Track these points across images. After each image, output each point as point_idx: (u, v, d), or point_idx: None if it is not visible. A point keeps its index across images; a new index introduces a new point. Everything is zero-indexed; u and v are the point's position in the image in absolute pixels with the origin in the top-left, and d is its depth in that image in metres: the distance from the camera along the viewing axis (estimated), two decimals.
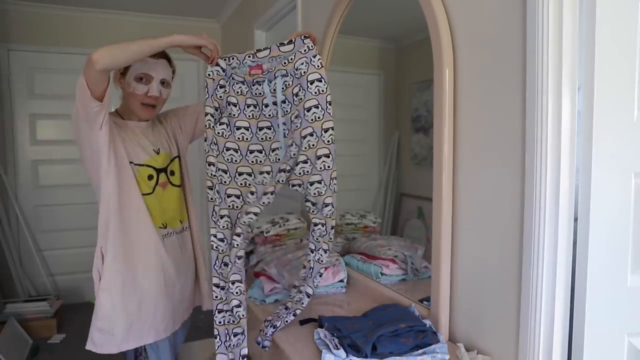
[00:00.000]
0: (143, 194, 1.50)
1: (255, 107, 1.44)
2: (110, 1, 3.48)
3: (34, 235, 3.61)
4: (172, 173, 1.61)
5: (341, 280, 1.68)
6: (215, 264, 1.40)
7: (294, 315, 1.34)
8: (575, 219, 1.00)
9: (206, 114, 1.43)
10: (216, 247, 1.40)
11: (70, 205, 3.69)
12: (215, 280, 1.40)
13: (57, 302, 3.29)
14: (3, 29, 3.43)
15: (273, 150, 1.44)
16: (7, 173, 3.50)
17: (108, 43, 1.36)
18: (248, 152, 1.44)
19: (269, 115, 1.44)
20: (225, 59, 1.42)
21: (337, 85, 1.95)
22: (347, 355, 1.06)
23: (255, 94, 1.44)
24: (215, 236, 1.40)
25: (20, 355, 2.70)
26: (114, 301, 1.45)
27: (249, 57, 1.42)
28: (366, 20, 1.78)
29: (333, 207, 1.34)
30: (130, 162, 1.49)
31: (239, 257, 1.36)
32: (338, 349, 1.08)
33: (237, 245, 1.37)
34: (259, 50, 1.42)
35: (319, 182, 1.33)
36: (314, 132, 1.33)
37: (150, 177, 1.54)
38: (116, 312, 1.45)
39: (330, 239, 1.36)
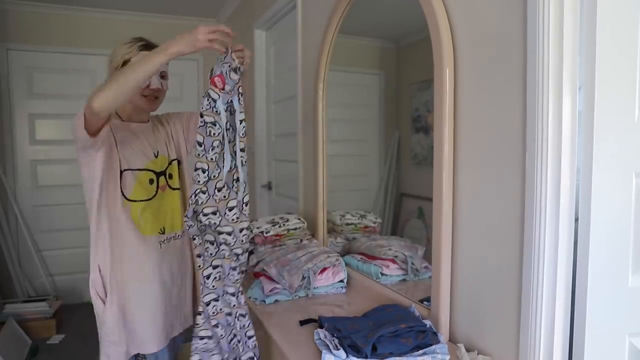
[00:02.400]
0: (143, 200, 1.50)
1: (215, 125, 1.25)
2: (109, 0, 3.48)
3: (33, 235, 3.61)
4: (171, 176, 1.60)
5: (341, 281, 1.67)
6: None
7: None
8: (576, 219, 1.00)
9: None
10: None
11: (69, 205, 3.68)
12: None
13: (56, 303, 3.28)
14: (2, 29, 3.43)
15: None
16: (6, 173, 3.50)
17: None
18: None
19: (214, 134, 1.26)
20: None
21: (338, 85, 1.95)
22: (347, 356, 1.06)
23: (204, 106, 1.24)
24: None
25: (19, 355, 2.70)
26: (117, 314, 1.45)
27: (234, 69, 1.22)
28: (366, 19, 1.78)
29: (228, 235, 1.30)
30: (128, 169, 1.47)
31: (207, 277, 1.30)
32: (338, 349, 1.07)
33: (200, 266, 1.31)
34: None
35: (235, 207, 1.30)
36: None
37: (151, 182, 1.53)
38: (120, 324, 1.46)
39: (237, 280, 1.33)
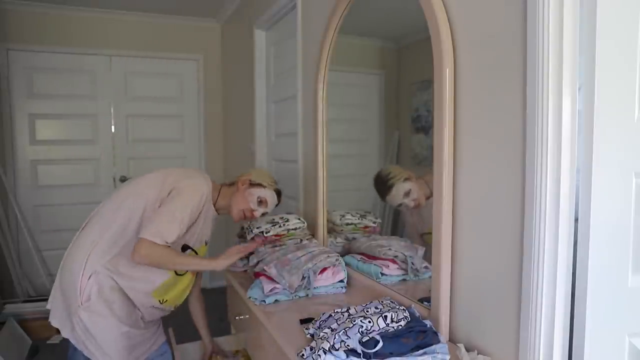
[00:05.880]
0: (178, 274, 1.63)
1: None
2: (109, 0, 3.48)
3: (33, 235, 3.61)
4: None
5: (341, 281, 1.67)
6: None
7: None
8: (576, 219, 1.00)
9: None
10: None
11: (69, 205, 3.68)
12: None
13: None
14: (2, 29, 3.43)
15: None
16: (6, 173, 3.50)
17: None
18: None
19: None
20: None
21: (338, 85, 1.96)
22: (347, 357, 1.06)
23: None
24: None
25: (19, 355, 2.70)
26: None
27: None
28: (367, 19, 1.78)
29: None
30: (191, 248, 1.62)
31: None
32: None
33: None
34: None
35: None
36: None
37: None
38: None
39: None
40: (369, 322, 1.10)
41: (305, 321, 1.36)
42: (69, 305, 1.53)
